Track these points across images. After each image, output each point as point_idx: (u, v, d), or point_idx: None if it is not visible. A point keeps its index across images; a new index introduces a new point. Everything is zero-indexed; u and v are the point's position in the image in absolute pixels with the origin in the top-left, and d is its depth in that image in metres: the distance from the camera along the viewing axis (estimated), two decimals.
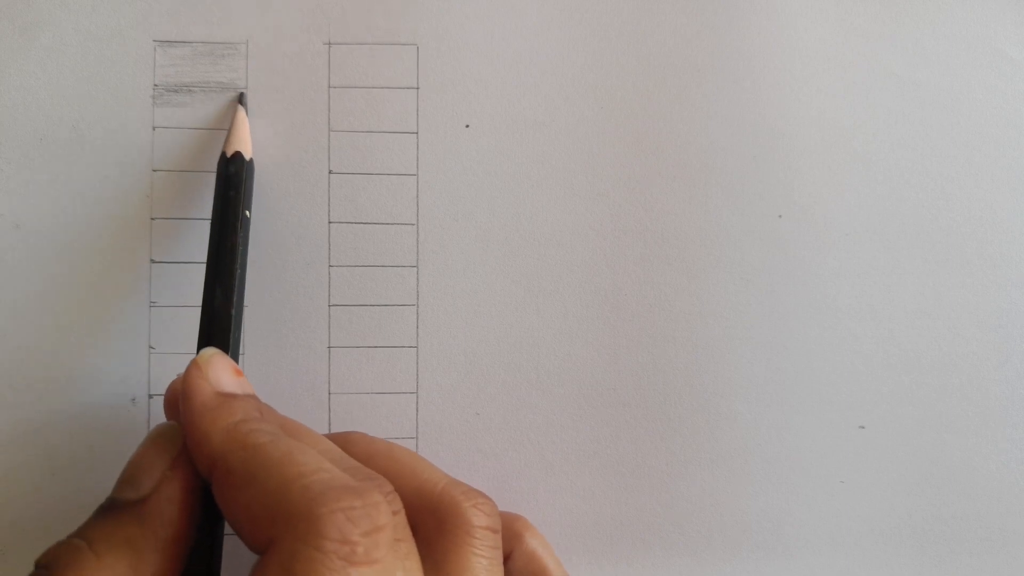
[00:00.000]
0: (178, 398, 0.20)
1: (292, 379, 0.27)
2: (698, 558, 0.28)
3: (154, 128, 0.27)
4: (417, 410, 0.27)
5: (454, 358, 0.27)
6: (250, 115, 0.27)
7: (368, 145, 0.27)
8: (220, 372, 0.21)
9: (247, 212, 0.24)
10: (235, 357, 0.23)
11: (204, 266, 0.24)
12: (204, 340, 0.23)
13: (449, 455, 0.27)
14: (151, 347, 0.26)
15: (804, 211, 0.28)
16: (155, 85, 0.27)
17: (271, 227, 0.27)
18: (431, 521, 0.21)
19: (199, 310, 0.23)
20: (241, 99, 0.26)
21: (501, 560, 0.21)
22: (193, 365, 0.21)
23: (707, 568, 0.28)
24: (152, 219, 0.26)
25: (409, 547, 0.19)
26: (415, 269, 0.27)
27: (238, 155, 0.25)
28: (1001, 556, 0.28)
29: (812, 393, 0.28)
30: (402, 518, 0.19)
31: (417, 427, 0.27)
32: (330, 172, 0.27)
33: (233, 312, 0.23)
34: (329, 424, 0.27)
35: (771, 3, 0.28)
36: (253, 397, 0.21)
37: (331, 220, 0.27)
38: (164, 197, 0.26)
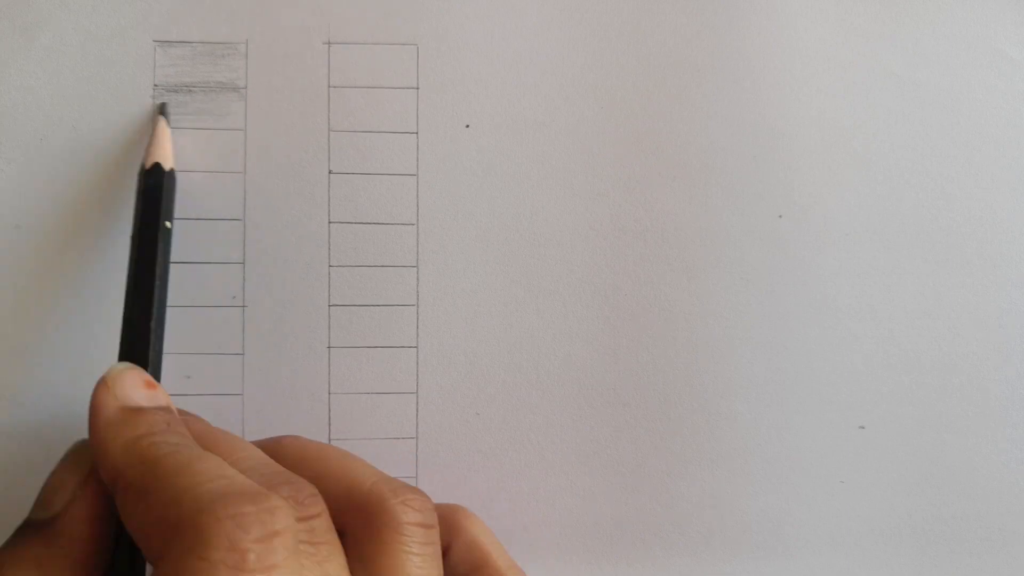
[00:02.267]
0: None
1: (292, 379, 0.27)
2: (698, 558, 0.28)
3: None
4: (417, 410, 0.27)
5: (454, 358, 0.27)
6: (249, 115, 0.27)
7: (368, 145, 0.27)
8: (129, 386, 0.20)
9: (167, 223, 0.24)
10: (156, 368, 0.23)
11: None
12: (123, 353, 0.22)
13: (449, 455, 0.27)
14: None
15: (804, 211, 0.28)
16: (155, 85, 0.27)
17: (271, 227, 0.27)
18: (359, 521, 0.20)
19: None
20: (162, 109, 0.26)
21: (438, 555, 0.21)
22: (100, 382, 0.20)
23: (707, 568, 0.28)
24: None
25: (331, 549, 0.18)
26: (415, 269, 0.27)
27: (157, 166, 0.25)
28: (1001, 556, 0.28)
29: (812, 393, 0.28)
30: (322, 521, 0.19)
31: (417, 427, 0.27)
32: (330, 172, 0.27)
33: (152, 324, 0.23)
34: (329, 424, 0.27)
35: (771, 3, 0.28)
36: (164, 409, 0.21)
37: (331, 220, 0.27)
38: None
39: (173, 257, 0.26)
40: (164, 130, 0.26)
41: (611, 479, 0.27)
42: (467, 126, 0.27)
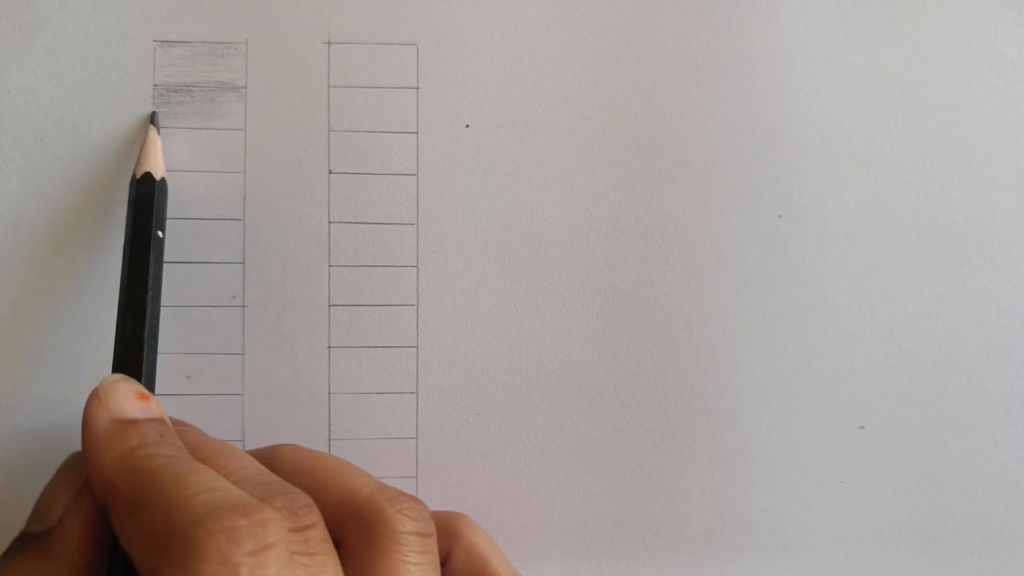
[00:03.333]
0: None
1: (292, 379, 0.27)
2: (698, 558, 0.28)
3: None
4: (417, 410, 0.27)
5: (454, 358, 0.27)
6: (249, 115, 0.27)
7: (368, 145, 0.27)
8: (122, 399, 0.20)
9: (160, 232, 0.24)
10: (150, 380, 0.23)
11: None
12: (116, 365, 0.22)
13: (449, 455, 0.27)
14: None
15: (804, 211, 0.28)
16: (155, 85, 0.27)
17: (271, 227, 0.27)
18: (355, 530, 0.20)
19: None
20: (153, 119, 0.26)
21: (436, 564, 0.21)
22: (92, 394, 0.20)
23: (707, 568, 0.28)
24: None
25: (326, 559, 0.18)
26: (415, 269, 0.27)
27: (148, 176, 0.25)
28: (1001, 556, 0.28)
29: (812, 393, 0.28)
30: (317, 531, 0.19)
31: (417, 427, 0.27)
32: (330, 172, 0.27)
33: (146, 335, 0.23)
34: (329, 424, 0.27)
35: (771, 3, 0.28)
36: (158, 421, 0.21)
37: (331, 220, 0.27)
38: None
39: (173, 257, 0.26)
40: (155, 139, 0.26)
41: (611, 479, 0.27)
42: (467, 126, 0.27)
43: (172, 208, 0.26)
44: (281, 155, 0.27)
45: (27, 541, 0.19)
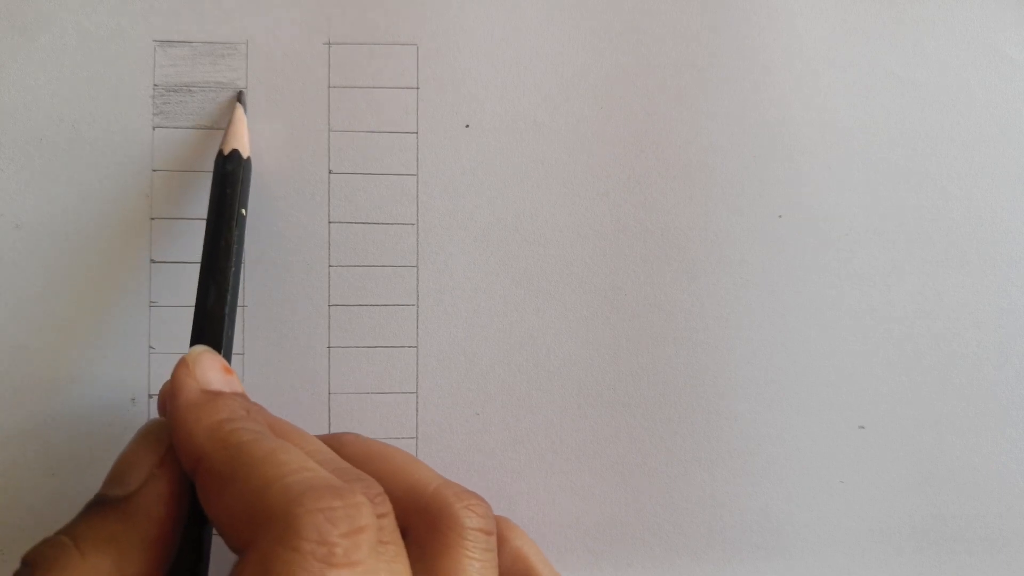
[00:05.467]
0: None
1: (292, 379, 0.27)
2: (698, 558, 0.28)
3: (154, 128, 0.27)
4: (417, 410, 0.27)
5: (454, 358, 0.27)
6: (250, 115, 0.27)
7: (368, 145, 0.27)
8: (208, 370, 0.21)
9: (243, 211, 0.24)
10: (228, 356, 0.23)
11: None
12: (196, 338, 0.22)
13: (449, 455, 0.27)
14: (151, 347, 0.26)
15: (804, 211, 0.28)
16: (155, 85, 0.27)
17: (271, 227, 0.27)
18: (422, 523, 0.21)
19: None
20: (240, 97, 0.26)
21: (495, 563, 0.21)
22: (181, 362, 0.20)
23: (707, 568, 0.28)
24: (152, 219, 0.26)
25: (397, 549, 0.19)
26: (415, 269, 0.27)
27: (235, 153, 0.25)
28: (1001, 556, 0.28)
29: (812, 393, 0.28)
30: (390, 520, 0.19)
31: (417, 427, 0.27)
32: (330, 172, 0.27)
33: (226, 311, 0.23)
34: (329, 424, 0.27)
35: (771, 3, 0.28)
36: (241, 395, 0.21)
37: (331, 220, 0.27)
38: (164, 197, 0.26)
39: (174, 257, 0.26)
40: (241, 118, 0.26)
41: (611, 479, 0.27)
42: (467, 126, 0.27)
43: (171, 208, 0.26)
44: (281, 155, 0.27)
45: (107, 504, 0.19)
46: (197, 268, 0.23)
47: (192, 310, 0.23)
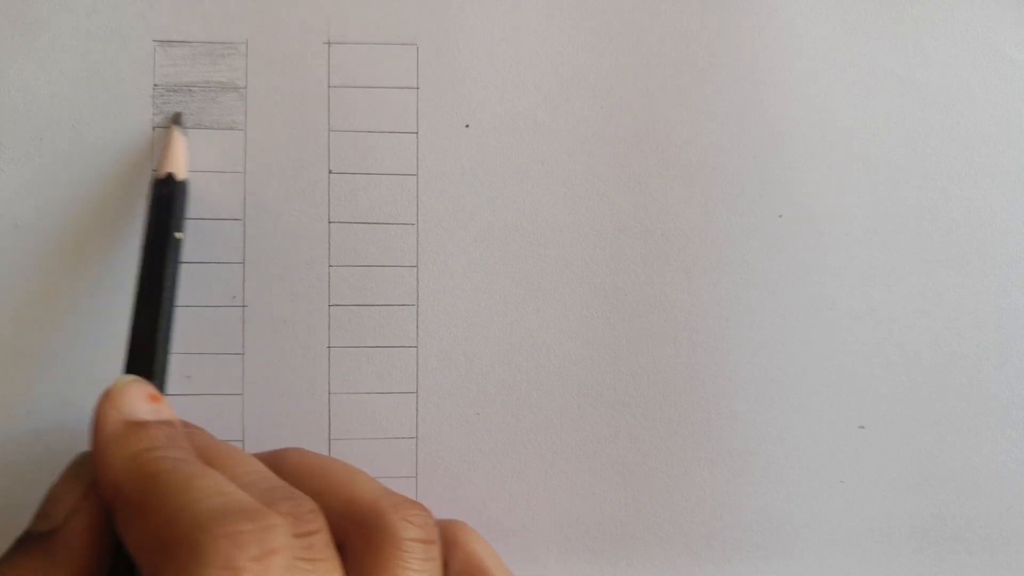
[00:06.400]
0: None
1: (292, 379, 0.27)
2: (698, 558, 0.28)
3: (154, 128, 0.27)
4: (417, 410, 0.27)
5: (454, 358, 0.27)
6: (249, 115, 0.27)
7: (368, 145, 0.27)
8: (134, 400, 0.20)
9: (177, 234, 0.24)
10: (161, 382, 0.23)
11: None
12: (129, 366, 0.22)
13: (449, 455, 0.27)
14: None
15: (804, 211, 0.28)
16: (155, 85, 0.27)
17: (271, 227, 0.27)
18: (359, 536, 0.20)
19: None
20: (176, 119, 0.26)
21: (438, 571, 0.21)
22: (104, 395, 0.20)
23: (707, 568, 0.28)
24: None
25: (329, 565, 0.18)
26: (415, 269, 0.27)
27: (169, 176, 0.25)
28: (1001, 556, 0.28)
29: (812, 393, 0.28)
30: (320, 537, 0.19)
31: (417, 427, 0.27)
32: (330, 172, 0.27)
33: (159, 336, 0.23)
34: (329, 424, 0.27)
35: (771, 3, 0.28)
36: (167, 423, 0.20)
37: (331, 220, 0.27)
38: None
39: None
40: (179, 140, 0.25)
41: (611, 479, 0.27)
42: (467, 126, 0.27)
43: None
44: (281, 155, 0.27)
45: (31, 540, 0.19)
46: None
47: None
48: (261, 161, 0.27)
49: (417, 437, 0.27)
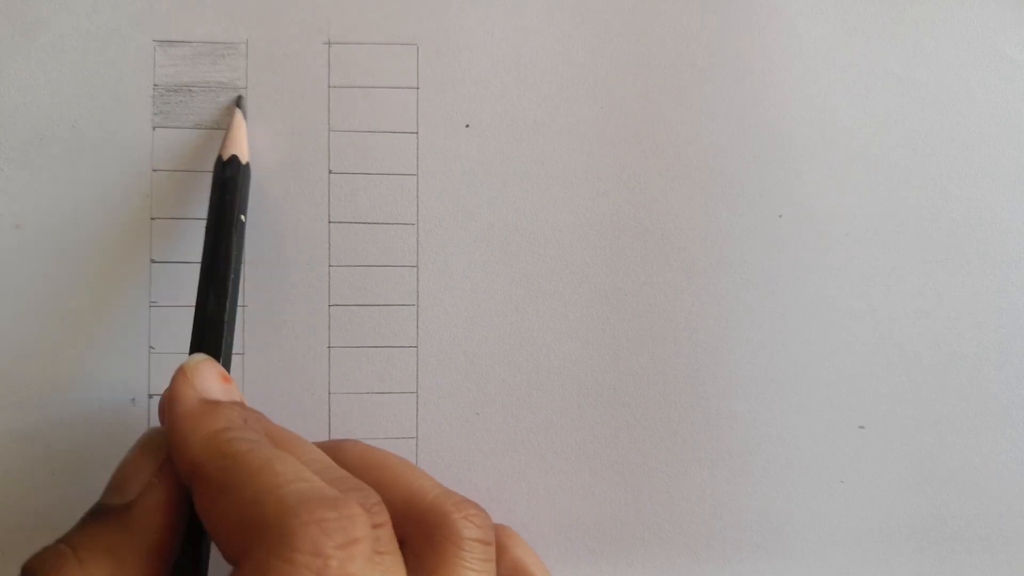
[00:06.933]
0: None
1: (292, 379, 0.27)
2: (698, 558, 0.28)
3: (154, 128, 0.27)
4: (417, 410, 0.27)
5: (454, 358, 0.27)
6: (249, 115, 0.27)
7: (368, 145, 0.27)
8: (207, 379, 0.20)
9: (242, 216, 0.24)
10: (227, 363, 0.23)
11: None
12: (195, 345, 0.22)
13: (449, 455, 0.27)
14: (151, 347, 0.26)
15: (804, 211, 0.28)
16: (155, 85, 0.27)
17: (271, 227, 0.27)
18: (420, 533, 0.20)
19: None
20: (239, 102, 0.26)
21: (494, 573, 0.21)
22: (179, 372, 0.20)
23: (707, 568, 0.28)
24: (152, 219, 0.26)
25: (394, 560, 0.18)
26: (415, 269, 0.27)
27: (234, 159, 0.25)
28: (1001, 556, 0.28)
29: (812, 393, 0.28)
30: (387, 531, 0.19)
31: (417, 427, 0.27)
32: (330, 172, 0.27)
33: (226, 318, 0.23)
34: (329, 424, 0.27)
35: (771, 3, 0.28)
36: (240, 404, 0.21)
37: (331, 220, 0.27)
38: (164, 197, 0.26)
39: (174, 257, 0.26)
40: (241, 123, 0.26)
41: (611, 479, 0.27)
42: (467, 126, 0.27)
43: (171, 208, 0.26)
44: (281, 155, 0.27)
45: (106, 513, 0.19)
46: (197, 268, 0.23)
47: (192, 310, 0.23)
48: (261, 161, 0.27)
49: (417, 437, 0.27)
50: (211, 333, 0.22)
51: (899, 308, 0.28)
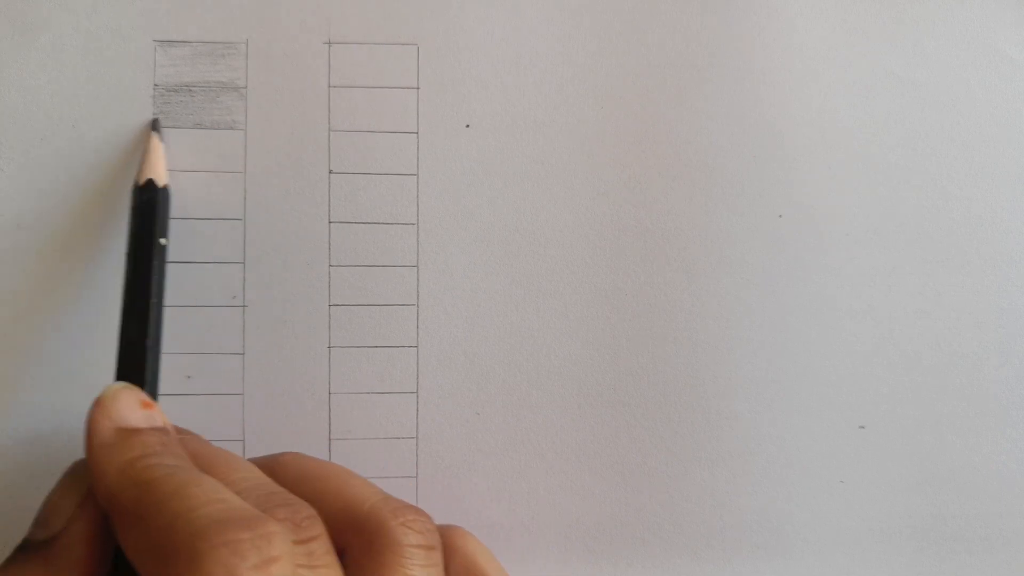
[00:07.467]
0: None
1: (292, 379, 0.27)
2: (698, 558, 0.28)
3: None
4: (417, 410, 0.27)
5: (454, 358, 0.27)
6: (249, 115, 0.27)
7: (368, 145, 0.27)
8: (124, 408, 0.20)
9: (163, 240, 0.24)
10: (153, 388, 0.22)
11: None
12: (119, 372, 0.22)
13: (449, 455, 0.27)
14: None
15: (804, 211, 0.28)
16: (155, 85, 0.27)
17: (271, 227, 0.27)
18: (360, 542, 0.20)
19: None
20: (154, 125, 0.26)
21: None
22: (95, 403, 0.20)
23: (707, 568, 0.28)
24: None
25: (329, 572, 0.18)
26: (415, 269, 0.27)
27: (150, 183, 0.25)
28: (1001, 556, 0.28)
29: (812, 393, 0.28)
30: (320, 543, 0.19)
31: (417, 427, 0.27)
32: (330, 172, 0.27)
33: (148, 343, 0.23)
34: (329, 424, 0.27)
35: (771, 3, 0.28)
36: (160, 430, 0.20)
37: (331, 220, 0.27)
38: None
39: (174, 257, 0.26)
40: (157, 146, 0.26)
41: (611, 479, 0.27)
42: (467, 126, 0.27)
43: (172, 208, 0.26)
44: (281, 155, 0.27)
45: (30, 548, 0.19)
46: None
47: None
48: (261, 161, 0.27)
49: (417, 437, 0.27)
50: (133, 359, 0.22)
51: (899, 308, 0.28)
